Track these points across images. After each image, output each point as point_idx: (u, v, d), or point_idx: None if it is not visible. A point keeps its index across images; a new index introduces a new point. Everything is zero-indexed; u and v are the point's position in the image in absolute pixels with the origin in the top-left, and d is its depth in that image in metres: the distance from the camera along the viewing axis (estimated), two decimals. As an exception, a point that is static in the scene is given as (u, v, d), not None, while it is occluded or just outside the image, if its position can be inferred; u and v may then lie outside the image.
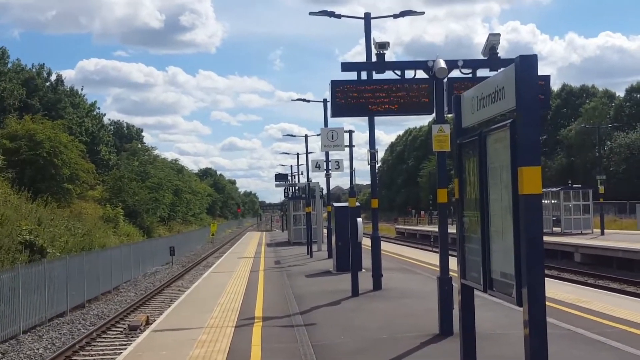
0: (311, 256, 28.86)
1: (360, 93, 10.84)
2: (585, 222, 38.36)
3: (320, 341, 10.10)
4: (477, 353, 6.81)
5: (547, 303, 12.48)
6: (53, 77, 58.55)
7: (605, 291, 17.20)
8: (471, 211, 6.35)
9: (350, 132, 18.27)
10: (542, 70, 11.93)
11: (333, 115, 10.99)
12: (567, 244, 31.74)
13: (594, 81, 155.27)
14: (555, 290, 14.83)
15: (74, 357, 14.82)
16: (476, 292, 6.43)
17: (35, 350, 15.61)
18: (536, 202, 4.94)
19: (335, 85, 11.02)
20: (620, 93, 74.73)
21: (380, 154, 17.57)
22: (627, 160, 61.88)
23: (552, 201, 39.30)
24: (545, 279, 16.88)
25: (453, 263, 8.38)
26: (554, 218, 39.15)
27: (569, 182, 45.29)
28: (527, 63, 4.93)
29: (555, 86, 78.35)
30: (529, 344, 4.91)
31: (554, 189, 40.30)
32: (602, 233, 36.74)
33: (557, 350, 8.61)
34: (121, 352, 11.02)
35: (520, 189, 4.96)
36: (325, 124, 20.12)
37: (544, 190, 41.65)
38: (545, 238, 26.12)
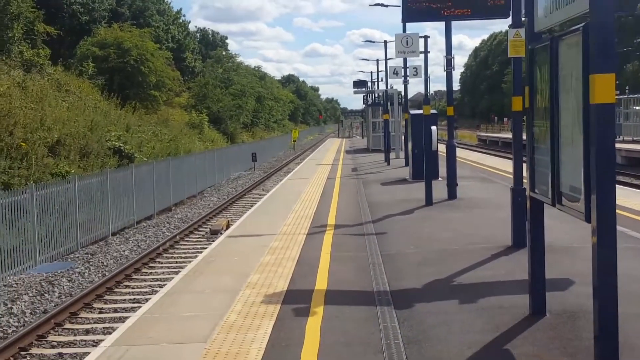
0: (388, 164, 28.76)
1: (433, -4, 10.34)
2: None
3: (390, 250, 10.09)
4: (548, 267, 6.62)
5: (629, 215, 12.10)
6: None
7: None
8: (541, 120, 6.01)
9: (426, 37, 17.59)
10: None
11: (404, 21, 10.58)
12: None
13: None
14: (637, 200, 14.23)
15: (157, 259, 15.43)
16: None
17: (122, 252, 16.35)
18: (608, 112, 4.58)
19: (406, -12, 10.52)
20: None
21: (464, 60, 16.99)
22: None
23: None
24: (631, 189, 16.29)
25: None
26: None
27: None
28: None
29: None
30: (596, 255, 4.66)
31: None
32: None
33: (636, 266, 8.31)
34: (196, 257, 11.38)
35: (592, 97, 4.61)
36: (404, 30, 19.41)
37: (636, 96, 39.73)
38: (635, 146, 25.03)
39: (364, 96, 52.97)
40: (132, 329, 6.95)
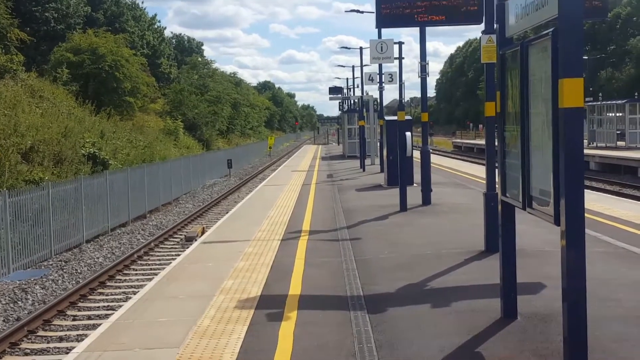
0: (364, 170, 28.85)
1: (407, 2, 10.37)
2: (652, 136, 36.91)
3: (364, 256, 10.12)
4: (520, 271, 6.69)
5: (602, 220, 12.27)
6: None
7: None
8: (512, 125, 6.09)
9: (400, 43, 17.75)
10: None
11: (378, 26, 10.61)
12: (631, 158, 30.56)
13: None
14: (614, 207, 14.42)
15: (132, 266, 15.32)
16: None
17: (96, 259, 16.19)
18: (577, 116, 4.65)
19: (380, -7, 10.57)
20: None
21: (440, 66, 17.15)
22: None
23: (618, 114, 37.86)
24: (605, 195, 16.52)
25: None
26: (618, 132, 37.82)
27: (636, 94, 43.53)
28: (571, -35, 4.55)
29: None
30: (565, 257, 4.71)
31: (620, 102, 38.81)
32: (670, 148, 35.37)
33: (607, 269, 8.42)
34: (170, 263, 11.31)
35: (561, 102, 4.68)
36: (379, 36, 19.49)
37: (609, 102, 40.32)
38: (609, 152, 25.46)
39: (339, 103, 53.14)
40: (105, 334, 6.90)
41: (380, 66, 25.15)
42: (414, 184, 18.46)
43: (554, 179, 4.98)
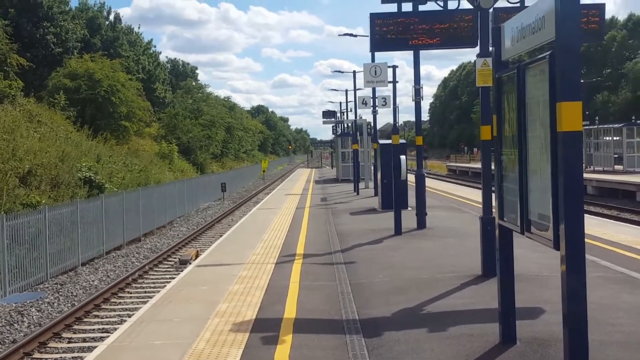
0: (358, 193, 28.80)
1: (401, 26, 10.41)
2: (649, 160, 36.91)
3: (359, 279, 10.05)
4: (518, 295, 6.63)
5: (600, 245, 12.22)
6: (112, 16, 59.05)
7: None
8: (509, 149, 6.06)
9: (394, 67, 17.84)
10: None
11: (372, 50, 10.70)
12: (629, 182, 30.47)
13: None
14: (612, 231, 14.37)
15: (127, 289, 15.25)
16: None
17: (91, 282, 16.15)
18: (576, 140, 4.64)
19: (374, 17, 10.58)
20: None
21: (433, 90, 17.23)
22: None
23: (615, 138, 37.94)
24: (602, 219, 16.47)
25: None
26: (615, 156, 37.86)
27: (633, 117, 43.68)
28: (568, -11, 4.56)
29: (621, 16, 74.96)
30: (565, 282, 4.67)
31: (617, 125, 38.90)
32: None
33: (606, 294, 8.36)
34: (165, 286, 11.22)
35: (559, 125, 4.67)
36: (372, 60, 19.57)
37: (606, 126, 40.47)
38: (606, 176, 25.48)
39: (333, 126, 53.25)
40: (100, 357, 6.84)
41: (374, 90, 25.25)
42: (409, 208, 18.42)
43: (552, 203, 4.95)
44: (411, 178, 17.10)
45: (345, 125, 47.93)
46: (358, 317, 7.83)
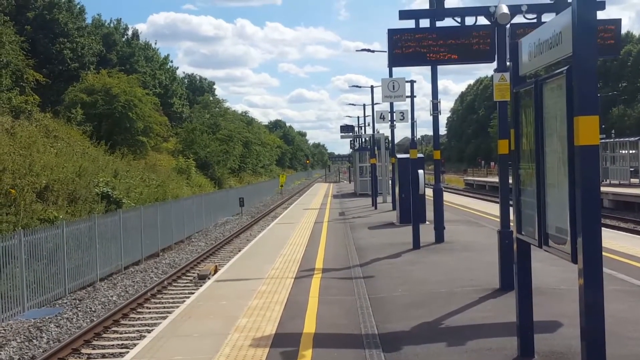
0: (376, 208, 28.82)
1: (419, 42, 10.49)
2: (666, 173, 36.70)
3: (378, 294, 10.07)
4: (536, 309, 6.63)
5: (617, 258, 12.15)
6: (129, 32, 59.82)
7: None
8: (526, 163, 6.10)
9: (412, 82, 17.88)
10: (619, 14, 11.29)
11: (390, 65, 10.76)
12: (646, 196, 30.36)
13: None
14: (629, 244, 14.30)
15: (145, 304, 15.28)
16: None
17: (110, 298, 16.18)
18: (593, 154, 4.68)
19: (392, 34, 10.67)
20: None
21: (450, 104, 17.28)
22: None
23: (631, 151, 37.76)
24: (619, 232, 16.37)
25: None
26: (632, 169, 37.68)
27: (649, 131, 43.41)
28: (584, 5, 4.62)
29: (636, 31, 74.68)
30: (583, 296, 4.68)
31: (633, 139, 38.70)
32: (684, 185, 35.11)
33: (623, 308, 8.33)
34: (184, 302, 11.29)
35: (577, 139, 4.71)
36: (390, 74, 19.67)
37: (622, 139, 40.25)
38: (622, 190, 25.32)
39: (351, 141, 53.35)
40: (118, 373, 6.87)
41: (391, 104, 25.32)
42: (427, 222, 18.43)
43: (570, 217, 4.97)
44: (429, 192, 17.12)
45: (363, 140, 48.02)
46: (377, 331, 7.85)
